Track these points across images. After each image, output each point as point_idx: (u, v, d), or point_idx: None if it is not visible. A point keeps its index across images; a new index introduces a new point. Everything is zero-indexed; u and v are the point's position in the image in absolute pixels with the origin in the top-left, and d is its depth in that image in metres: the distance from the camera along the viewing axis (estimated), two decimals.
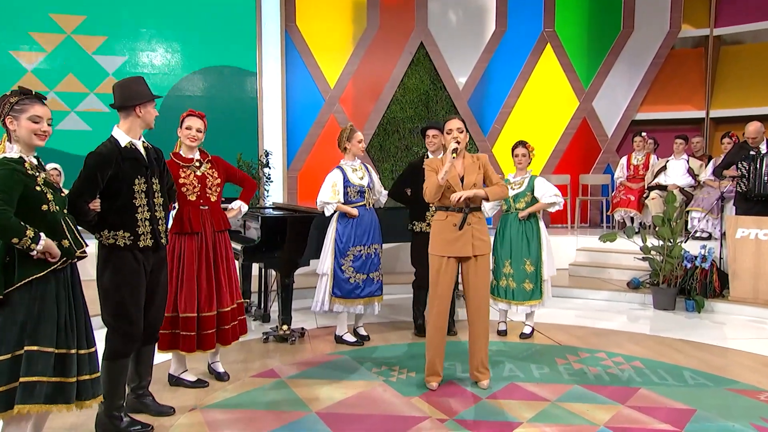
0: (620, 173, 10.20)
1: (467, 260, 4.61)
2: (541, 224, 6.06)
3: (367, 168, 5.94)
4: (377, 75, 10.95)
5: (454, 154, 4.45)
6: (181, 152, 4.64)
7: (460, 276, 4.72)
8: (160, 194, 3.92)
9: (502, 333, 6.23)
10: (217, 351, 4.85)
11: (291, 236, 5.93)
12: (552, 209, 6.05)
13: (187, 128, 4.59)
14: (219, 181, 4.70)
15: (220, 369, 4.94)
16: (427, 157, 5.94)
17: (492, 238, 5.98)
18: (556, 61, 11.57)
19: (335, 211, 5.76)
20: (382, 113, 10.99)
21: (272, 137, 10.34)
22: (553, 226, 11.13)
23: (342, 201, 5.71)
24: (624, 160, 10.22)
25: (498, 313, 6.28)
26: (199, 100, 9.98)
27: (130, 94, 3.82)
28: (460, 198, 4.48)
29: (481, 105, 11.39)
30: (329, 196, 5.67)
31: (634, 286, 8.14)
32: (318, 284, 5.80)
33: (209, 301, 4.56)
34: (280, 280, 5.98)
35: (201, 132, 4.61)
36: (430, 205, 5.76)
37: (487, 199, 4.61)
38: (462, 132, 4.62)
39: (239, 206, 4.97)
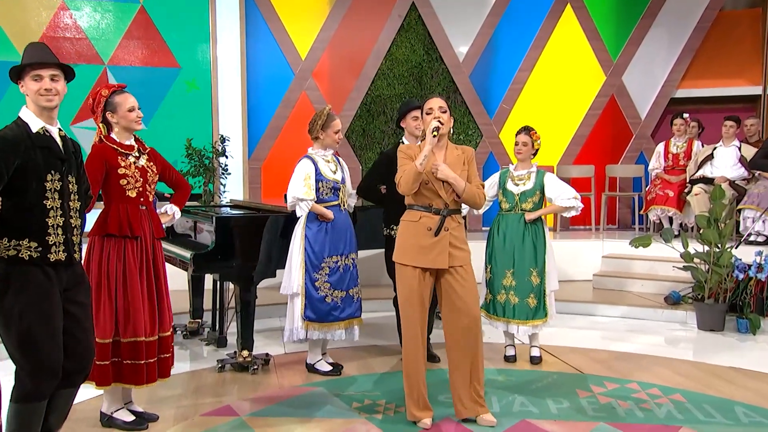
0: (656, 163, 10.22)
1: (445, 272, 4.63)
2: (546, 229, 6.14)
3: (339, 161, 5.97)
4: (359, 43, 10.96)
5: (435, 134, 4.46)
6: (114, 137, 4.61)
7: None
8: (77, 197, 3.82)
9: (511, 359, 6.25)
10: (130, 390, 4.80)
11: (253, 241, 5.92)
12: (567, 213, 6.15)
13: (130, 109, 4.58)
14: (156, 178, 4.73)
15: (138, 408, 4.87)
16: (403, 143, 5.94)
17: (484, 243, 6.15)
18: (578, 26, 11.61)
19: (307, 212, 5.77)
20: (365, 91, 11.03)
21: (229, 119, 10.35)
22: (574, 228, 11.32)
23: (315, 199, 5.71)
24: (661, 147, 10.25)
25: (503, 335, 6.34)
26: (135, 72, 9.92)
27: (16, 69, 3.73)
28: (438, 170, 4.51)
29: (486, 80, 11.43)
30: (303, 191, 5.64)
31: (673, 301, 8.16)
32: (288, 307, 5.80)
33: (152, 323, 4.57)
34: (239, 294, 5.96)
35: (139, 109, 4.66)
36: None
37: (459, 196, 4.63)
38: (445, 112, 4.64)
39: (174, 212, 5.01)
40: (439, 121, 4.53)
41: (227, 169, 10.00)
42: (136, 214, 4.54)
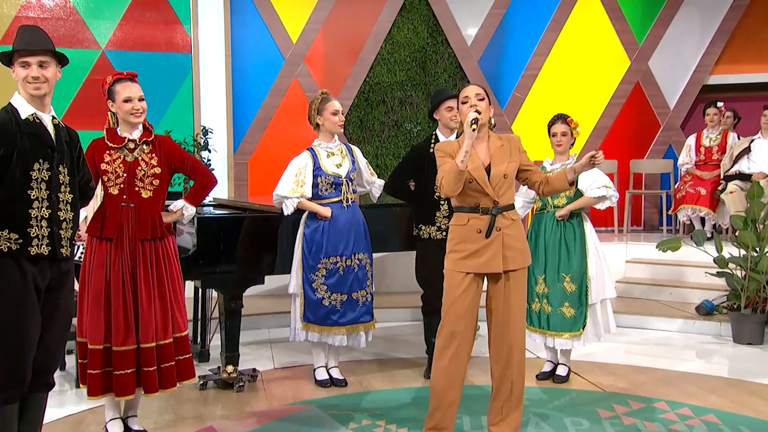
0: (686, 158, 10.21)
1: (496, 278, 4.62)
2: (587, 226, 6.09)
3: (350, 151, 6.06)
4: (356, 25, 10.94)
5: (474, 126, 4.37)
6: (117, 129, 4.68)
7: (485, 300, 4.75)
8: (68, 188, 3.91)
9: (561, 379, 6.20)
10: (136, 401, 4.87)
11: (238, 244, 5.95)
12: (601, 205, 6.03)
13: (126, 100, 4.60)
14: (159, 171, 4.71)
15: (136, 427, 4.92)
16: (437, 140, 6.03)
17: None
18: (599, 4, 11.57)
19: (298, 210, 5.80)
20: (362, 78, 11.00)
21: (212, 110, 10.32)
22: (595, 230, 10.94)
23: (308, 196, 5.76)
24: (692, 140, 10.24)
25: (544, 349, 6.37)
26: (109, 56, 9.91)
27: (6, 54, 3.86)
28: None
29: (496, 66, 11.44)
30: (288, 188, 5.72)
31: (706, 311, 8.15)
32: (291, 308, 5.97)
33: (126, 332, 4.58)
34: (223, 303, 5.98)
35: (143, 100, 4.66)
36: (441, 202, 5.94)
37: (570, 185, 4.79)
38: (483, 99, 4.58)
39: (181, 208, 4.97)
40: (477, 111, 4.45)
41: (210, 165, 9.93)
42: (113, 213, 4.57)
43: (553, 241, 5.97)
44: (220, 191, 10.17)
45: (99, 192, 4.71)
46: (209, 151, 9.77)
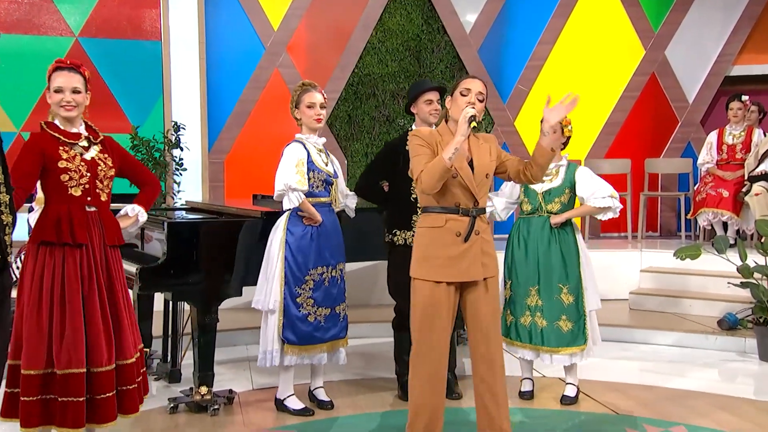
0: (707, 157, 10.20)
1: (473, 286, 4.66)
2: (578, 234, 6.12)
3: (328, 154, 6.05)
4: (344, 11, 10.98)
5: (474, 124, 4.48)
6: (57, 123, 4.64)
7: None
8: (5, 188, 3.89)
9: (526, 395, 6.24)
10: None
11: (213, 252, 5.92)
12: (602, 216, 6.12)
13: (56, 91, 4.57)
14: (113, 172, 4.73)
15: None
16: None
17: (503, 252, 6.07)
18: None
19: (270, 214, 5.83)
20: (351, 68, 11.05)
21: (185, 104, 10.38)
22: (606, 236, 11.37)
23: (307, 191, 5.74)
24: (713, 137, 10.24)
25: (519, 364, 6.30)
26: (67, 44, 9.93)
27: None
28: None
29: (498, 56, 11.53)
30: (296, 179, 5.63)
31: (728, 325, 8.13)
32: (263, 326, 5.84)
33: (108, 349, 4.56)
34: (196, 318, 5.95)
35: (80, 93, 4.61)
36: (419, 204, 5.85)
37: (541, 164, 4.76)
38: (483, 100, 4.70)
39: (137, 213, 4.97)
40: (473, 107, 4.57)
41: (182, 164, 10.00)
42: (80, 217, 4.53)
43: (547, 249, 5.96)
44: (194, 193, 10.24)
45: (40, 195, 4.68)
46: (181, 149, 9.84)
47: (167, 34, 10.25)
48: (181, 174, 10.05)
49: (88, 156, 4.60)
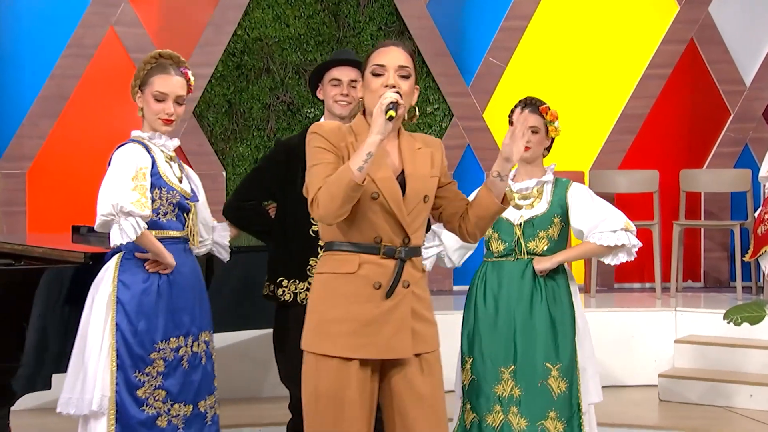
0: None
1: (398, 368, 3.86)
2: (573, 286, 5.37)
3: (181, 164, 5.28)
4: None
5: (392, 114, 3.61)
6: None
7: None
8: None
9: None
10: None
11: (8, 318, 5.16)
12: (613, 260, 5.33)
13: None
14: None
15: None
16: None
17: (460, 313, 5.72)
18: None
19: (94, 256, 5.33)
20: (230, 30, 9.64)
21: None
22: (623, 287, 10.43)
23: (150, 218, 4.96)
24: None
25: None
26: None
27: None
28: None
29: (458, 15, 10.42)
30: (132, 197, 4.77)
31: None
32: None
33: None
34: None
35: None
36: (320, 242, 5.10)
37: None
38: (408, 77, 3.86)
39: None
40: (398, 92, 3.72)
41: None
42: None
43: (526, 311, 5.25)
44: None
45: None
46: None
47: None
48: None
49: None
